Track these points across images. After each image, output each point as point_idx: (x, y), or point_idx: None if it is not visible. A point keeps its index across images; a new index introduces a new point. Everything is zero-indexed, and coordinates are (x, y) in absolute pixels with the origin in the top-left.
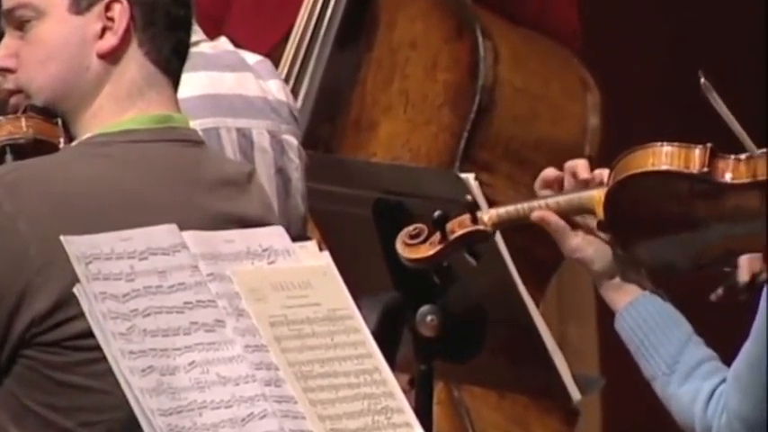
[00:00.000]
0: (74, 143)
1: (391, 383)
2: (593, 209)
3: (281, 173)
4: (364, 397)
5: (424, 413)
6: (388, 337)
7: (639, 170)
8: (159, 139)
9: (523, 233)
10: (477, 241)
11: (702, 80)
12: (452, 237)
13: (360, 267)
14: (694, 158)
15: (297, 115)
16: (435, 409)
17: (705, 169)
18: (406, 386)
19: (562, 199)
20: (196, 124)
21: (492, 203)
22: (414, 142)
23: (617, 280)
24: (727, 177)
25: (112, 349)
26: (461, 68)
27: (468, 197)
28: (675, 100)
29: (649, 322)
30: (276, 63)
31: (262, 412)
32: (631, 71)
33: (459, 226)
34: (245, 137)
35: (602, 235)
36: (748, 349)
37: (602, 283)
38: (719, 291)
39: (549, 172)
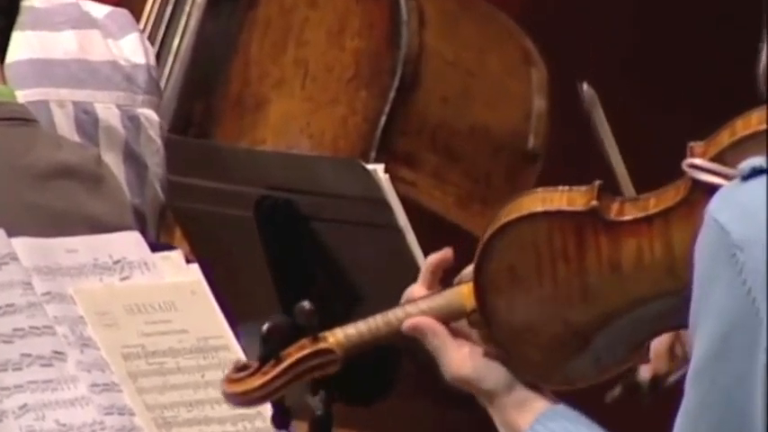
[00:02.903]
0: None
1: None
2: (463, 305)
3: (135, 158)
4: None
5: None
6: None
7: (514, 216)
8: None
9: (449, 240)
10: (323, 368)
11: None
12: (289, 361)
13: (238, 284)
14: (579, 197)
15: (157, 78)
16: None
17: (594, 203)
18: None
19: (425, 305)
20: (19, 97)
21: (415, 206)
22: (315, 126)
23: (518, 394)
24: (619, 215)
25: None
26: (377, 34)
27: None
28: (638, 75)
29: None
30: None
31: None
32: (584, 41)
33: (298, 349)
34: (86, 113)
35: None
36: None
37: (498, 402)
38: (616, 390)
39: (415, 289)
